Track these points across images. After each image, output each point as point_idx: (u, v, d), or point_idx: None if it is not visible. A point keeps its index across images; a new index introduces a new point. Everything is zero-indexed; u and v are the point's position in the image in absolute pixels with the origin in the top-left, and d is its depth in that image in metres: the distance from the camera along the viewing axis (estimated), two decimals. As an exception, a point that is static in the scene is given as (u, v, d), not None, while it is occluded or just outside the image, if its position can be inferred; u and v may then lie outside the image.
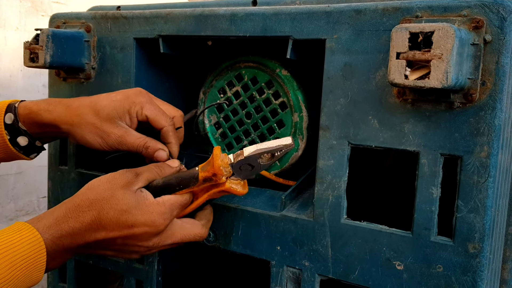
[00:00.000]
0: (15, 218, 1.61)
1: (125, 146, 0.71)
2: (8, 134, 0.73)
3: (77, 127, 0.71)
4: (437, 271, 0.57)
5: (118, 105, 0.71)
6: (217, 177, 0.64)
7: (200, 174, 0.65)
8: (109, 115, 0.71)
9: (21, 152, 0.76)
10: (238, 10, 0.70)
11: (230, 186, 0.65)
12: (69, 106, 0.72)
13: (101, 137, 0.71)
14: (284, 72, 0.76)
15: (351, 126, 0.62)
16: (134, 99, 0.72)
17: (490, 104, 0.53)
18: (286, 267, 0.68)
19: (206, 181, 0.65)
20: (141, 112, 0.72)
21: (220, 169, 0.64)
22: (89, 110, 0.71)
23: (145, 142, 0.71)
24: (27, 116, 0.73)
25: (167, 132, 0.73)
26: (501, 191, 0.57)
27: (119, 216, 0.61)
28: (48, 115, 0.72)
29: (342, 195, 0.63)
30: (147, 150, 0.71)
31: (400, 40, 0.51)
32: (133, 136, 0.71)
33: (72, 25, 0.86)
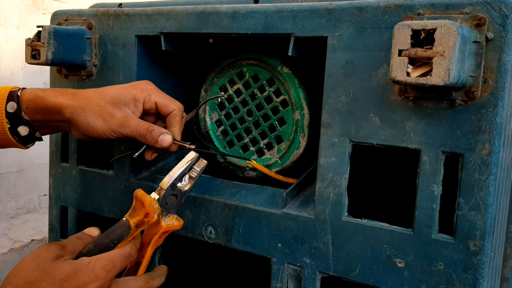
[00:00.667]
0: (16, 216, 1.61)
1: (128, 129, 0.70)
2: (9, 122, 0.73)
3: (81, 110, 0.70)
4: (438, 269, 0.57)
5: (124, 91, 0.72)
6: (149, 216, 0.64)
7: (131, 221, 0.64)
8: (114, 99, 0.71)
9: (19, 142, 0.75)
10: (239, 8, 0.70)
11: (167, 225, 0.67)
12: (76, 93, 0.73)
13: (104, 119, 0.70)
14: (286, 70, 0.76)
15: (352, 123, 0.62)
16: (142, 86, 0.73)
17: (491, 102, 0.53)
18: (287, 265, 0.68)
19: (139, 226, 0.65)
20: (149, 98, 0.73)
21: (151, 205, 0.64)
22: (95, 95, 0.72)
23: (148, 125, 0.71)
24: (32, 101, 0.72)
25: (175, 115, 0.73)
26: (502, 188, 0.58)
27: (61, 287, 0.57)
28: (53, 99, 0.71)
29: (343, 193, 0.63)
30: (151, 133, 0.70)
31: (402, 37, 0.51)
32: (136, 120, 0.71)
33: (74, 22, 0.86)
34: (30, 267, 0.58)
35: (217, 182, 0.80)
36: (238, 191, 0.76)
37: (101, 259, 0.60)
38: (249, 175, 0.82)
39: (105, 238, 0.64)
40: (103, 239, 0.64)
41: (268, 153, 0.80)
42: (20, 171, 1.60)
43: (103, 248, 0.63)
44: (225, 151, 0.84)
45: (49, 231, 0.95)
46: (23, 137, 0.74)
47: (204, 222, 0.75)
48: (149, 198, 0.65)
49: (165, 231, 0.67)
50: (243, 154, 0.82)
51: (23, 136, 0.74)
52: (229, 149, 0.83)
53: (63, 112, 0.71)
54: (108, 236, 0.64)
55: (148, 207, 0.64)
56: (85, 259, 0.60)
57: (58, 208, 0.93)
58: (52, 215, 0.94)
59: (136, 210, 0.65)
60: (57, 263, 0.58)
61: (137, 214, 0.65)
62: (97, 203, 0.87)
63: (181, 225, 0.68)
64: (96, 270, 0.59)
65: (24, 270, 0.58)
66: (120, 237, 0.64)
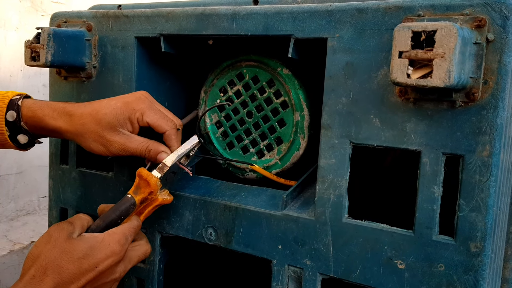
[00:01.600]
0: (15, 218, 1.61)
1: (128, 152, 0.73)
2: (8, 130, 0.74)
3: (81, 136, 0.73)
4: (438, 270, 0.57)
5: (118, 113, 0.73)
6: (154, 194, 0.70)
7: (137, 198, 0.69)
8: (110, 124, 0.72)
9: (18, 147, 0.77)
10: (239, 9, 0.70)
11: (162, 198, 0.71)
12: (72, 115, 0.73)
13: (104, 146, 0.73)
14: (286, 71, 0.76)
15: (352, 125, 0.62)
16: (134, 106, 0.73)
17: (492, 103, 0.53)
18: (288, 266, 0.68)
19: (143, 203, 0.70)
20: (141, 118, 0.73)
21: (156, 185, 0.70)
22: (91, 120, 0.73)
23: (147, 146, 0.73)
24: (31, 118, 0.74)
25: (169, 136, 0.74)
26: (503, 190, 0.57)
27: (80, 265, 0.61)
28: (52, 122, 0.73)
29: (343, 194, 0.63)
30: (149, 153, 0.73)
31: (403, 39, 0.51)
32: (135, 142, 0.73)
33: (73, 24, 0.86)
34: (47, 248, 0.62)
35: (217, 183, 0.80)
36: (238, 193, 0.76)
37: (113, 234, 0.65)
38: (249, 176, 0.82)
39: (112, 214, 0.68)
40: (110, 215, 0.68)
41: (268, 155, 0.80)
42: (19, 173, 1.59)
43: (111, 224, 0.67)
44: (225, 153, 0.83)
45: (48, 233, 0.95)
46: (22, 144, 0.76)
47: (204, 224, 0.75)
48: (154, 178, 0.70)
49: (159, 204, 0.71)
50: (243, 156, 0.82)
51: (22, 144, 0.76)
52: (229, 151, 0.83)
53: (64, 135, 0.75)
54: (115, 212, 0.68)
55: (153, 187, 0.69)
56: (99, 236, 0.64)
57: (57, 210, 0.92)
58: (52, 217, 0.94)
59: (141, 188, 0.70)
60: (72, 242, 0.62)
61: (142, 192, 0.69)
62: (96, 205, 0.86)
63: (171, 200, 0.73)
64: (111, 246, 0.63)
65: (42, 251, 0.62)
66: (127, 213, 0.69)
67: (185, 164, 0.73)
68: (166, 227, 0.79)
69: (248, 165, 0.79)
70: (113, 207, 0.69)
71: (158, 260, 0.81)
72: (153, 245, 0.80)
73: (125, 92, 0.81)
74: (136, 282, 0.83)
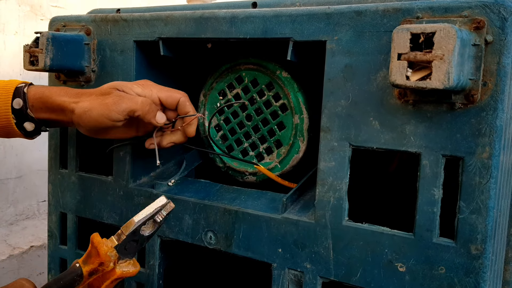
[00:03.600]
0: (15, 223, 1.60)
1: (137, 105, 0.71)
2: (15, 118, 0.74)
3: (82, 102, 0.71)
4: (439, 273, 0.57)
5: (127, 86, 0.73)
6: (105, 265, 0.61)
7: (84, 269, 0.60)
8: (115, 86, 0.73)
9: (24, 135, 0.77)
10: (238, 12, 0.70)
11: (121, 271, 0.62)
12: (80, 92, 0.74)
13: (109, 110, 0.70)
14: (285, 74, 0.76)
15: (352, 127, 0.62)
16: (142, 82, 0.75)
17: (491, 105, 0.53)
18: (288, 270, 0.68)
19: (92, 275, 0.61)
20: (151, 93, 0.74)
21: (107, 255, 0.61)
22: (98, 90, 0.73)
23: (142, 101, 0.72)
24: (38, 99, 0.74)
25: (183, 102, 0.75)
26: (503, 192, 0.57)
27: None
28: (59, 98, 0.73)
29: (343, 197, 0.63)
30: None
31: (402, 41, 0.51)
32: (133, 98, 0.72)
33: (72, 28, 0.86)
34: None
35: (216, 187, 0.80)
36: (238, 196, 0.76)
37: None
38: (249, 179, 0.82)
39: (53, 285, 0.60)
40: (51, 286, 0.60)
41: (267, 158, 0.80)
42: (19, 177, 1.59)
43: None
44: (224, 156, 0.83)
45: (48, 238, 0.95)
46: (29, 131, 0.76)
47: (204, 227, 0.75)
48: (105, 248, 0.61)
49: (119, 278, 0.63)
50: (243, 159, 0.81)
51: (29, 131, 0.76)
52: (228, 154, 0.83)
53: (66, 114, 0.73)
54: (57, 283, 0.60)
55: (103, 257, 0.61)
56: None
57: (57, 214, 0.92)
58: (51, 222, 0.94)
59: (91, 257, 0.61)
60: None
61: (91, 262, 0.61)
62: (96, 209, 0.86)
63: (136, 272, 0.64)
64: None
65: None
66: (71, 285, 0.60)
67: (150, 232, 0.63)
68: (166, 231, 0.79)
69: (254, 166, 0.79)
70: (57, 276, 0.61)
71: (158, 264, 0.80)
72: (153, 249, 0.80)
73: (124, 96, 0.81)
74: (136, 286, 0.83)
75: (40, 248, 1.54)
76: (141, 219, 0.63)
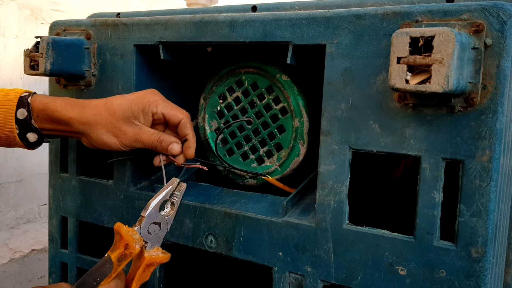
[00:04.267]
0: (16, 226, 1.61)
1: (141, 143, 0.73)
2: (18, 128, 0.74)
3: (94, 126, 0.72)
4: (440, 276, 0.57)
5: (133, 104, 0.73)
6: (130, 247, 0.62)
7: (112, 255, 0.62)
8: (125, 114, 0.72)
9: (26, 145, 0.76)
10: (238, 16, 0.70)
11: (150, 256, 0.64)
12: (85, 107, 0.74)
13: (117, 136, 0.72)
14: (284, 77, 0.76)
15: (352, 131, 0.62)
16: (149, 98, 0.74)
17: (491, 108, 0.53)
18: (289, 273, 0.68)
19: (121, 260, 0.62)
20: (156, 110, 0.74)
21: (129, 235, 0.62)
22: (105, 110, 0.73)
23: (159, 136, 0.73)
24: (43, 111, 0.74)
25: (185, 124, 0.75)
26: (503, 195, 0.57)
27: None
28: (65, 112, 0.73)
29: (344, 200, 0.63)
30: (161, 144, 0.73)
31: (401, 45, 0.51)
32: (147, 133, 0.73)
33: (72, 32, 0.86)
34: None
35: (217, 190, 0.80)
36: (239, 200, 0.76)
37: None
38: (249, 183, 0.82)
39: (88, 277, 0.62)
40: (86, 279, 0.62)
41: (268, 161, 0.80)
42: (19, 181, 1.59)
43: None
44: (226, 159, 0.83)
45: (49, 242, 0.95)
46: (31, 142, 0.76)
47: (204, 231, 0.75)
48: (126, 228, 0.63)
49: (149, 264, 0.64)
50: (243, 162, 0.81)
51: (31, 142, 0.76)
52: (228, 157, 0.83)
53: (74, 127, 0.73)
54: (90, 275, 0.62)
55: (125, 237, 0.62)
56: None
57: (58, 218, 0.92)
58: (52, 226, 0.94)
59: (116, 243, 0.63)
60: None
61: (117, 247, 0.63)
62: (97, 213, 0.86)
63: (167, 258, 0.65)
64: None
65: None
66: (103, 274, 0.61)
67: (172, 214, 0.66)
68: (166, 235, 0.78)
69: (262, 177, 0.79)
70: (90, 269, 0.63)
71: (159, 268, 0.80)
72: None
73: (125, 100, 0.81)
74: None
75: (41, 251, 1.54)
76: (155, 200, 0.65)
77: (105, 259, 0.62)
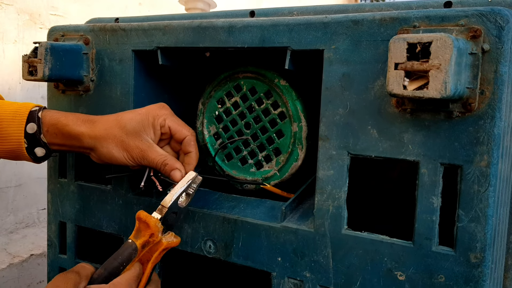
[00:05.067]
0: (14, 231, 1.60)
1: (146, 161, 0.73)
2: (27, 142, 0.74)
3: (103, 141, 0.73)
4: (439, 281, 0.57)
5: (143, 119, 0.74)
6: (154, 236, 0.67)
7: (137, 242, 0.67)
8: (135, 129, 0.73)
9: (33, 159, 0.77)
10: (236, 22, 0.70)
11: (167, 242, 0.68)
12: (96, 122, 0.74)
13: (126, 150, 0.73)
14: (283, 82, 0.76)
15: (350, 136, 0.62)
16: (158, 111, 0.75)
17: (489, 113, 0.53)
18: (287, 279, 0.68)
19: (144, 247, 0.67)
20: (164, 123, 0.74)
21: (156, 226, 0.67)
22: (115, 124, 0.73)
23: (164, 159, 0.73)
24: (53, 126, 0.74)
25: (189, 141, 0.75)
26: (502, 200, 0.57)
27: None
28: (76, 127, 0.74)
29: (342, 206, 0.63)
30: (165, 167, 0.73)
31: (398, 51, 0.51)
32: (155, 152, 0.73)
33: (71, 37, 0.86)
34: None
35: (215, 195, 0.80)
36: (237, 205, 0.76)
37: (118, 284, 0.63)
38: (248, 188, 0.82)
39: (114, 262, 0.66)
40: (112, 263, 0.66)
41: (266, 166, 0.80)
42: (18, 185, 1.59)
43: (113, 272, 0.65)
44: (224, 165, 0.83)
45: (48, 247, 0.95)
46: (38, 157, 0.76)
47: (203, 236, 0.75)
48: (154, 219, 0.67)
49: (166, 248, 0.68)
50: (241, 167, 0.81)
51: (39, 157, 0.76)
52: (227, 162, 0.83)
53: (85, 141, 0.74)
54: (116, 259, 0.66)
55: (153, 228, 0.67)
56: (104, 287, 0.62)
57: (56, 223, 0.92)
58: (50, 231, 0.94)
59: (141, 231, 0.67)
60: None
61: (142, 235, 0.67)
62: (95, 218, 0.86)
63: (179, 242, 0.70)
64: None
65: None
66: (129, 259, 0.66)
67: (186, 203, 0.71)
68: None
69: (261, 186, 0.79)
70: (115, 253, 0.67)
71: (157, 273, 0.80)
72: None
73: (124, 105, 0.81)
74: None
75: (40, 256, 1.53)
76: (177, 192, 0.70)
77: (130, 245, 0.66)
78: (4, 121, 0.73)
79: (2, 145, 0.74)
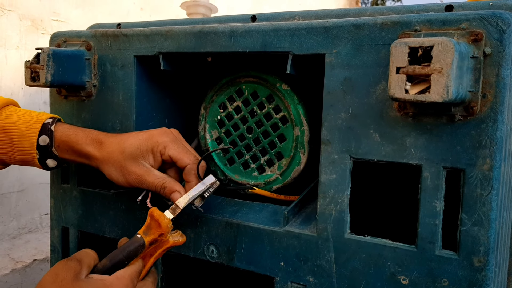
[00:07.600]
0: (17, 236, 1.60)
1: (145, 185, 0.73)
2: (38, 154, 0.76)
3: (105, 163, 0.75)
4: (442, 285, 0.57)
5: (142, 144, 0.74)
6: (164, 236, 0.67)
7: (146, 239, 0.67)
8: (133, 154, 0.73)
9: (43, 167, 0.78)
10: (237, 27, 0.70)
11: (174, 240, 0.69)
12: (103, 143, 0.76)
13: (123, 175, 0.74)
14: (284, 87, 0.76)
15: (352, 140, 0.62)
16: (158, 138, 0.74)
17: (491, 117, 0.53)
18: (291, 283, 0.68)
19: (152, 244, 0.68)
20: (164, 151, 0.74)
21: (167, 227, 0.68)
22: (117, 148, 0.74)
23: (163, 182, 0.73)
24: (64, 143, 0.76)
25: (190, 170, 0.73)
26: (504, 203, 0.57)
27: None
28: (85, 147, 0.75)
29: (345, 210, 0.63)
30: (164, 190, 0.73)
31: (400, 55, 0.51)
32: (153, 176, 0.73)
33: (73, 43, 0.87)
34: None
35: (218, 200, 0.80)
36: (240, 209, 0.76)
37: (121, 278, 0.63)
38: (250, 192, 0.82)
39: (120, 254, 0.66)
40: (118, 255, 0.66)
41: (269, 170, 0.80)
42: (21, 190, 1.59)
43: (118, 264, 0.65)
44: (226, 169, 0.83)
45: (50, 252, 0.95)
46: (50, 167, 0.78)
47: (206, 241, 0.75)
48: (166, 220, 0.68)
49: (171, 246, 0.69)
50: (243, 171, 0.81)
51: (50, 167, 0.78)
52: (229, 166, 0.83)
53: (92, 161, 0.76)
54: (123, 252, 0.66)
55: (164, 229, 0.67)
56: (107, 280, 0.62)
57: (59, 229, 0.92)
58: (53, 236, 0.94)
59: (152, 229, 0.67)
60: (80, 285, 0.60)
61: (152, 233, 0.67)
62: (98, 223, 0.86)
63: (184, 241, 0.70)
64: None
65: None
66: (135, 254, 0.66)
67: (199, 205, 0.71)
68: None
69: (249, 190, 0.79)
70: (121, 246, 0.67)
71: (160, 278, 0.80)
72: (155, 263, 0.80)
73: (126, 110, 0.81)
74: (139, 300, 0.83)
75: (43, 261, 1.53)
76: (194, 195, 0.70)
77: (138, 241, 0.67)
78: (18, 133, 0.75)
79: (15, 155, 0.76)
